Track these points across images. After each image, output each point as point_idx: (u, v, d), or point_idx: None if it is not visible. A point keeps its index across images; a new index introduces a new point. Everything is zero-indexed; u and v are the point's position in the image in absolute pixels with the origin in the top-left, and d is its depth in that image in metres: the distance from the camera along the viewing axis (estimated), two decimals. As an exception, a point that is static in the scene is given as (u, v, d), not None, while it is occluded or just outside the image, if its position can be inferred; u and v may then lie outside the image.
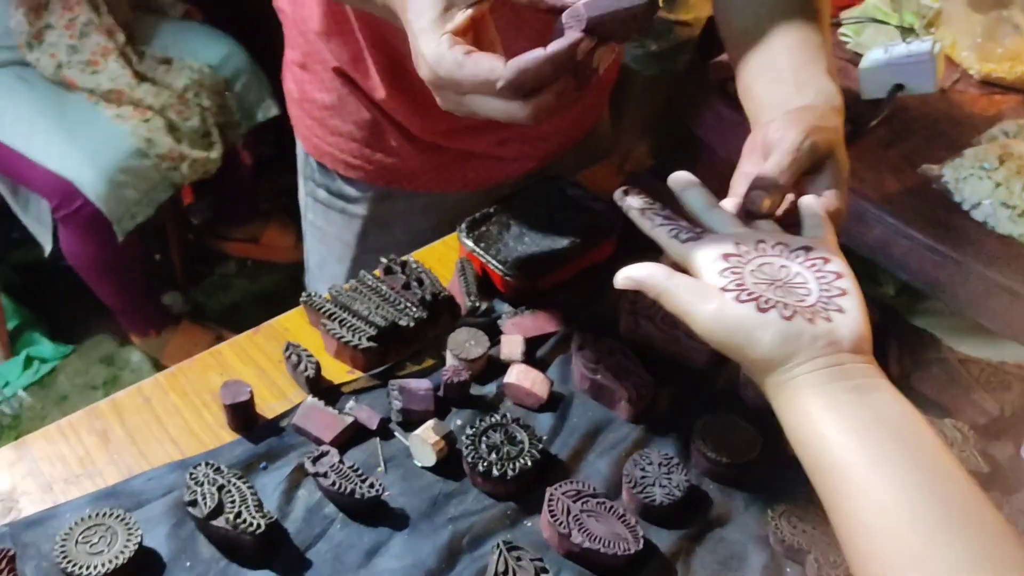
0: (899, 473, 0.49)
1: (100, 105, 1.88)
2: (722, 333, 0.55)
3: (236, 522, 0.68)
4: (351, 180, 1.11)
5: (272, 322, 0.90)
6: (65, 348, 2.20)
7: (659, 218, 0.63)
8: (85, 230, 1.83)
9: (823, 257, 0.60)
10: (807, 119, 0.69)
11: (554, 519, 0.71)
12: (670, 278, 0.58)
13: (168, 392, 0.82)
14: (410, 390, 0.81)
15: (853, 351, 0.54)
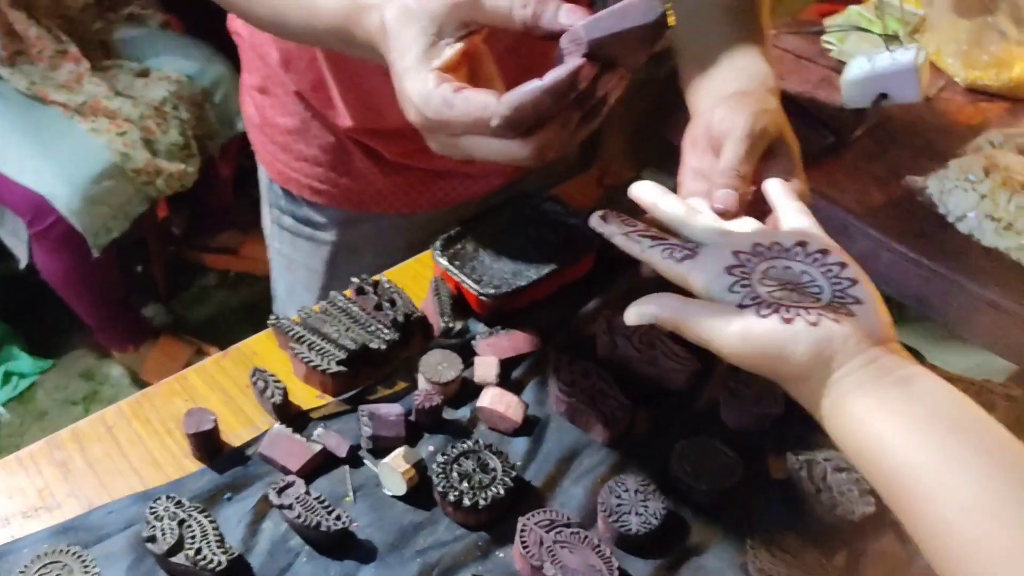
0: (971, 467, 0.47)
1: (75, 119, 1.85)
2: (753, 354, 0.53)
3: (196, 559, 0.66)
4: (318, 205, 1.08)
5: (240, 345, 0.88)
6: (44, 363, 2.17)
7: (647, 240, 0.61)
8: (59, 246, 1.81)
9: (821, 249, 0.58)
10: (749, 103, 0.68)
11: (526, 551, 0.69)
12: (685, 307, 0.56)
13: (131, 420, 0.80)
14: (380, 416, 0.78)
15: (883, 341, 0.53)
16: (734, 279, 0.56)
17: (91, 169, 1.79)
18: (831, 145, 1.14)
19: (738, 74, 0.74)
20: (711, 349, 0.55)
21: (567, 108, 0.55)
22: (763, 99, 0.70)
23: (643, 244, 0.60)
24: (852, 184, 1.09)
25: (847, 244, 1.04)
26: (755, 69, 0.75)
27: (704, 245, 0.59)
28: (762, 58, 0.76)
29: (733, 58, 0.76)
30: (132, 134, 1.86)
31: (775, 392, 0.83)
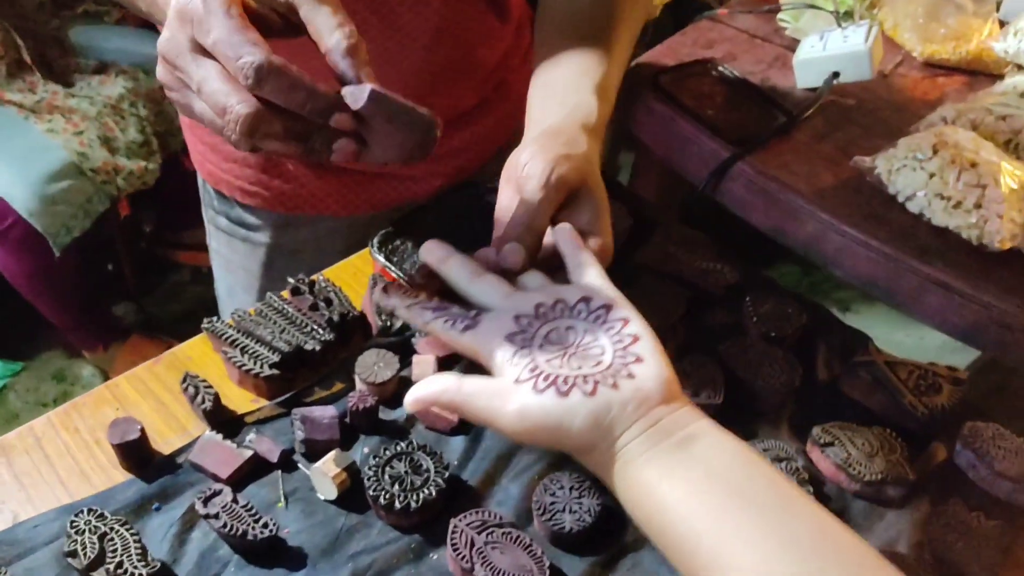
0: (745, 532, 0.47)
1: (31, 119, 1.83)
2: (531, 432, 0.52)
3: (117, 573, 0.65)
4: (250, 207, 1.06)
5: (175, 350, 0.87)
6: (15, 365, 2.16)
7: (428, 312, 0.59)
8: (20, 247, 1.79)
9: (604, 305, 0.56)
10: (553, 147, 0.65)
11: (456, 553, 0.68)
12: (461, 387, 0.54)
13: (60, 431, 0.79)
14: (313, 419, 0.77)
15: (665, 401, 0.52)
16: (514, 348, 0.54)
17: (48, 169, 1.77)
18: (781, 126, 1.12)
19: (561, 108, 0.72)
20: (495, 430, 0.54)
21: (307, 121, 0.54)
22: (572, 141, 0.67)
23: (425, 316, 0.58)
24: (801, 166, 1.07)
25: (796, 228, 1.04)
26: (581, 104, 0.72)
27: (486, 311, 0.58)
28: (592, 94, 0.73)
29: (565, 90, 0.74)
30: (90, 133, 1.84)
31: (715, 383, 0.82)
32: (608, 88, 0.76)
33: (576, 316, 0.56)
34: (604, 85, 0.75)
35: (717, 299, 0.94)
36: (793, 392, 0.84)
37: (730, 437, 0.52)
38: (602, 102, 0.74)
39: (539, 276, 0.61)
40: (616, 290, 0.58)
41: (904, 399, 0.82)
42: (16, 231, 1.76)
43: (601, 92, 0.74)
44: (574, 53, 0.77)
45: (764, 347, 0.86)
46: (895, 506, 0.77)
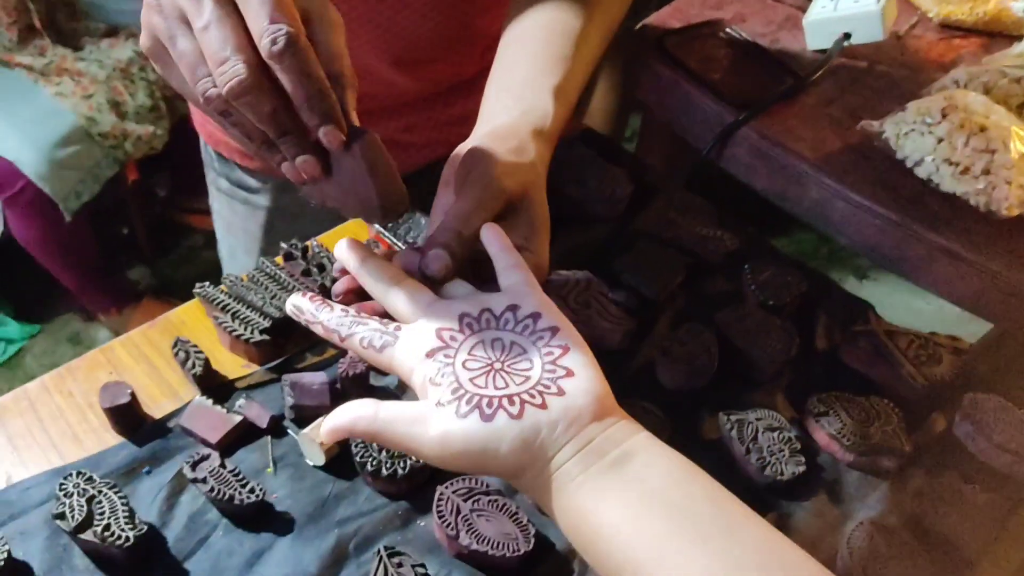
0: (685, 559, 0.43)
1: (40, 83, 1.83)
2: (455, 459, 0.48)
3: (104, 535, 0.65)
4: (250, 170, 1.05)
5: (169, 315, 0.87)
6: (32, 328, 2.18)
7: (344, 326, 0.54)
8: (31, 211, 1.80)
9: (532, 314, 0.52)
10: (498, 152, 0.61)
11: (442, 520, 0.68)
12: (378, 415, 0.50)
13: (54, 394, 0.79)
14: (303, 385, 0.77)
15: (598, 417, 0.48)
16: (436, 366, 0.50)
17: (57, 133, 1.77)
18: (788, 89, 1.10)
19: (516, 103, 0.68)
20: (416, 456, 0.51)
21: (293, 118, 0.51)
22: (519, 148, 0.63)
23: (341, 332, 0.54)
24: (808, 130, 1.05)
25: (800, 193, 1.02)
26: (536, 105, 0.68)
27: (406, 325, 0.54)
28: (550, 96, 0.69)
29: (523, 87, 0.70)
30: (98, 96, 1.84)
31: (710, 351, 0.81)
32: (568, 91, 0.71)
33: (503, 327, 0.52)
34: (564, 87, 0.71)
35: (717, 266, 0.93)
36: (790, 361, 0.83)
37: (668, 452, 0.48)
38: (559, 106, 0.70)
39: (465, 285, 0.56)
40: (546, 297, 0.54)
41: (903, 369, 0.81)
42: (26, 195, 1.77)
43: (559, 94, 0.70)
44: (539, 42, 0.73)
45: (762, 316, 0.85)
46: (889, 477, 0.76)
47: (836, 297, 0.92)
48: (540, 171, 0.64)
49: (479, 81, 1.05)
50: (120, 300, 2.12)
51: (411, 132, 1.03)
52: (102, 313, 2.14)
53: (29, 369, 2.11)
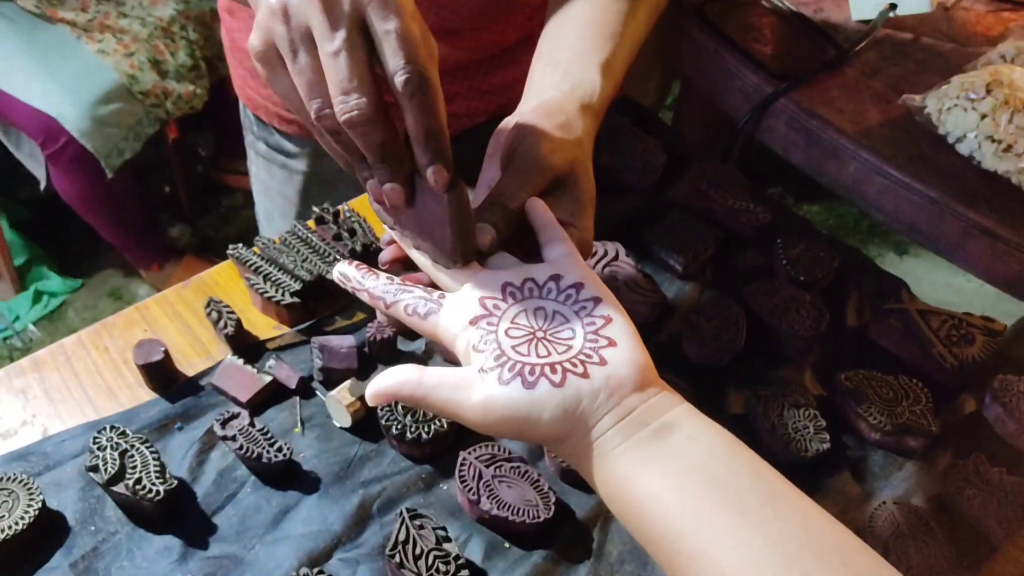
0: (727, 531, 0.43)
1: (82, 39, 1.84)
2: (496, 425, 0.48)
3: (135, 488, 0.67)
4: (288, 135, 1.06)
5: (203, 275, 0.88)
6: (74, 282, 2.22)
7: (389, 294, 0.54)
8: (74, 167, 1.82)
9: (575, 284, 0.53)
10: (545, 127, 0.61)
11: (464, 484, 0.69)
12: (423, 380, 0.50)
13: (90, 349, 0.81)
14: (331, 348, 0.78)
15: (639, 388, 0.48)
16: (479, 334, 0.51)
17: (99, 90, 1.79)
18: (830, 60, 1.08)
19: (564, 79, 0.67)
20: (460, 422, 0.51)
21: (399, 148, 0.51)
22: (566, 124, 0.63)
23: (387, 299, 0.54)
24: (849, 103, 1.03)
25: (837, 168, 1.00)
26: (584, 80, 0.68)
27: (450, 294, 0.54)
28: (598, 72, 0.69)
29: (570, 63, 0.69)
30: (140, 55, 1.85)
31: (737, 326, 0.81)
32: (615, 67, 0.71)
33: (546, 296, 0.52)
34: (611, 63, 0.71)
35: (748, 240, 0.92)
36: (818, 338, 0.82)
37: (710, 425, 0.48)
38: (606, 82, 0.69)
39: (509, 258, 0.57)
40: (589, 269, 0.55)
41: (933, 349, 0.80)
42: (69, 151, 1.79)
43: (606, 70, 0.70)
44: (587, 18, 0.73)
45: (792, 291, 0.84)
46: (915, 457, 0.76)
47: (869, 274, 0.91)
48: (587, 147, 0.64)
49: (519, 50, 1.05)
50: (162, 256, 2.16)
51: (451, 102, 1.03)
52: (144, 269, 2.17)
53: (71, 322, 2.15)
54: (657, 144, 0.96)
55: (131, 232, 2.08)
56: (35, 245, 2.24)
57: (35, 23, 1.85)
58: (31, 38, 1.82)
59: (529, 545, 0.69)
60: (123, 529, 0.69)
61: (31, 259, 2.21)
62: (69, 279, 2.22)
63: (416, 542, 0.65)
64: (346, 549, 0.68)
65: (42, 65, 1.79)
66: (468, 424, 0.50)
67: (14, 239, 2.19)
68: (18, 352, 2.08)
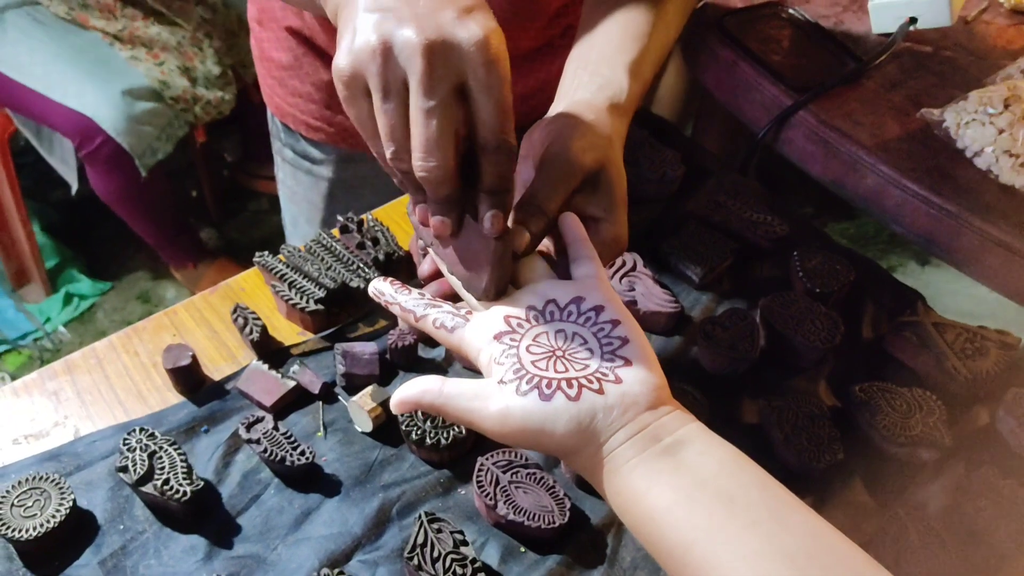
0: (736, 542, 0.45)
1: (115, 45, 1.89)
2: (513, 435, 0.51)
3: (164, 488, 0.69)
4: (314, 142, 1.09)
5: (229, 281, 0.90)
6: (104, 285, 2.27)
7: (419, 308, 0.57)
8: (110, 166, 1.86)
9: (596, 307, 0.55)
10: (575, 128, 0.62)
11: (481, 490, 0.71)
12: (443, 389, 0.53)
13: (121, 353, 0.83)
14: (354, 354, 0.80)
15: (652, 406, 0.50)
16: (502, 349, 0.53)
17: (133, 92, 1.83)
18: (850, 73, 1.08)
19: (592, 79, 0.69)
20: (478, 431, 0.53)
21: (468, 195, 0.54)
22: (595, 123, 0.64)
23: (417, 312, 0.57)
24: (867, 116, 1.04)
25: (856, 180, 1.01)
26: (612, 80, 0.69)
27: (477, 311, 0.57)
28: (625, 72, 0.70)
29: (599, 63, 0.71)
30: (169, 63, 1.90)
31: (752, 337, 0.82)
32: (643, 67, 0.73)
33: (566, 318, 0.55)
34: (639, 63, 0.72)
35: (765, 252, 0.93)
36: (834, 349, 0.83)
37: (720, 442, 0.50)
38: (634, 81, 0.71)
39: (541, 262, 0.59)
40: (612, 291, 0.57)
41: (947, 362, 0.80)
42: (105, 150, 1.83)
43: (634, 70, 0.72)
44: (616, 21, 0.75)
45: (807, 303, 0.85)
46: (928, 469, 0.77)
47: (886, 286, 0.91)
48: (617, 145, 0.66)
49: (537, 58, 1.06)
50: (196, 256, 2.19)
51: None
52: (179, 268, 2.21)
53: (100, 324, 2.20)
54: (676, 156, 0.98)
55: (166, 231, 2.12)
56: (66, 248, 2.29)
57: (67, 28, 1.90)
58: (64, 42, 1.87)
59: (544, 550, 0.71)
60: (151, 528, 0.71)
61: (62, 262, 2.26)
62: (99, 282, 2.27)
63: (434, 545, 0.67)
64: (366, 551, 0.70)
65: (76, 67, 1.83)
66: (486, 433, 0.52)
67: (45, 242, 2.24)
68: (48, 353, 2.12)
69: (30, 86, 1.82)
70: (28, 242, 2.14)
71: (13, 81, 1.85)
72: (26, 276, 2.23)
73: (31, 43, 1.85)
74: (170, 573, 0.68)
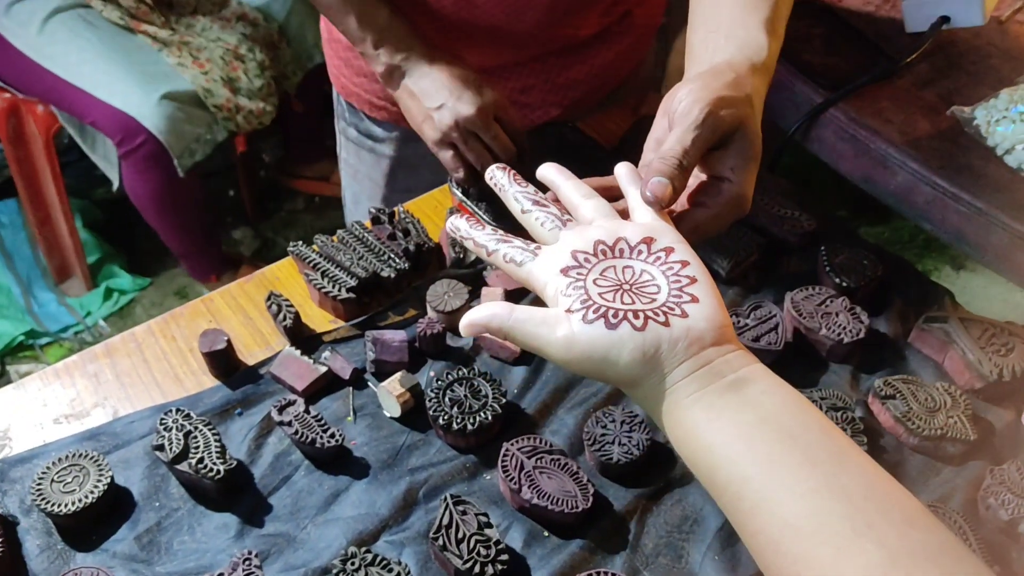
0: (794, 479, 0.45)
1: (163, 52, 1.94)
2: (577, 361, 0.51)
3: (198, 467, 0.71)
4: (377, 120, 1.13)
5: (265, 270, 0.93)
6: (143, 281, 2.31)
7: (492, 242, 0.58)
8: (148, 165, 1.90)
9: (666, 248, 0.55)
10: (714, 87, 0.63)
11: (506, 474, 0.72)
12: (512, 314, 0.53)
13: (159, 338, 0.86)
14: (384, 341, 0.82)
15: (717, 343, 0.50)
16: (569, 281, 0.53)
17: (177, 96, 1.87)
18: (881, 71, 1.08)
19: (729, 42, 0.69)
20: (544, 356, 0.53)
21: None
22: (736, 82, 0.65)
23: (489, 247, 0.58)
24: (898, 113, 1.04)
25: (886, 177, 1.01)
26: (749, 40, 0.69)
27: (545, 246, 0.57)
28: (762, 30, 0.70)
29: (731, 26, 0.71)
30: (214, 73, 1.94)
31: (778, 329, 0.82)
32: (776, 23, 0.73)
33: (635, 257, 0.55)
34: (773, 20, 0.72)
35: (793, 247, 0.94)
36: (859, 343, 0.83)
37: (783, 384, 0.50)
38: (772, 38, 0.71)
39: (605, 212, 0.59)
40: (677, 233, 0.57)
41: (973, 357, 0.80)
42: (145, 149, 1.87)
43: (770, 27, 0.71)
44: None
45: (834, 297, 0.85)
46: (952, 463, 0.77)
47: (913, 282, 0.91)
48: (756, 104, 0.66)
49: (595, 44, 1.09)
50: (219, 268, 2.23)
51: (527, 93, 1.08)
52: (202, 280, 2.25)
53: (139, 319, 2.23)
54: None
55: (193, 238, 2.16)
56: (107, 244, 2.34)
57: (117, 31, 1.94)
58: (114, 44, 1.91)
59: (567, 534, 0.72)
60: (185, 506, 0.73)
61: (103, 257, 2.31)
62: (138, 277, 2.31)
63: (459, 526, 0.68)
64: (392, 532, 0.72)
65: (123, 68, 1.88)
66: (551, 358, 0.53)
67: (88, 238, 2.29)
68: (88, 346, 2.16)
69: (77, 84, 1.87)
70: (71, 238, 2.19)
71: (60, 79, 1.89)
72: (68, 271, 2.28)
73: (80, 43, 1.89)
74: (203, 549, 0.70)
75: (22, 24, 1.91)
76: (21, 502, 0.73)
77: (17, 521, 0.72)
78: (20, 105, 2.00)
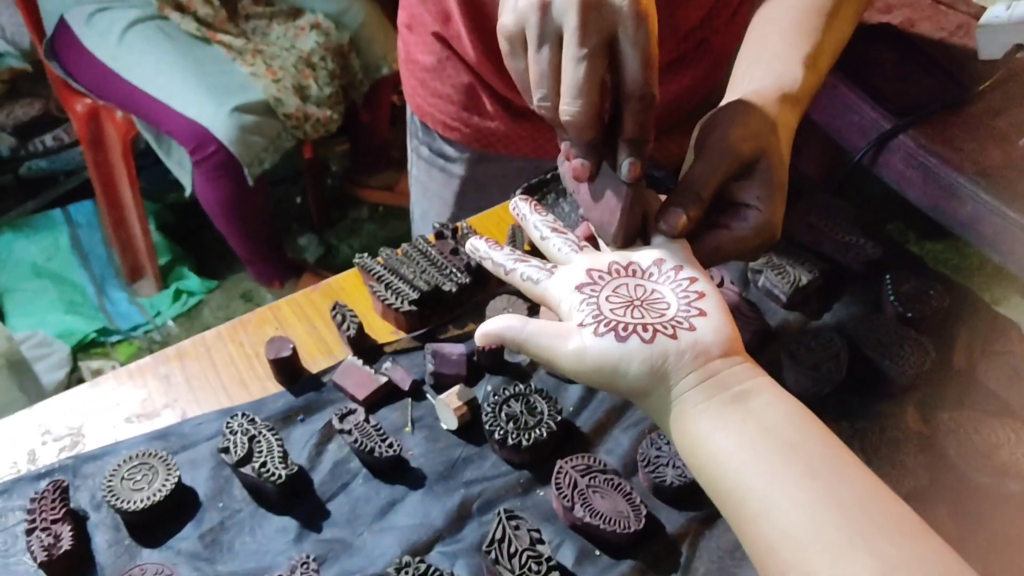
0: (796, 491, 0.47)
1: (237, 61, 1.99)
2: (588, 373, 0.53)
3: (261, 471, 0.73)
4: (450, 141, 1.15)
5: (330, 281, 0.95)
6: (210, 283, 2.38)
7: (509, 262, 0.61)
8: (218, 173, 1.96)
9: (675, 267, 0.57)
10: (736, 117, 0.63)
11: (559, 492, 0.73)
12: (525, 327, 0.56)
13: (227, 343, 0.89)
14: (443, 354, 0.83)
15: (724, 355, 0.52)
16: (582, 297, 0.56)
17: (248, 107, 1.93)
18: (953, 99, 1.07)
19: (766, 74, 0.70)
20: (555, 369, 0.55)
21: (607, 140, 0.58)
22: (760, 112, 0.65)
23: (506, 266, 0.61)
24: (969, 142, 1.02)
25: (955, 207, 1.00)
26: (785, 72, 0.70)
27: (561, 265, 0.60)
28: (800, 64, 0.70)
29: (772, 59, 0.71)
30: (285, 81, 2.00)
31: (838, 358, 0.82)
32: (818, 60, 0.73)
33: (647, 278, 0.58)
34: (814, 56, 0.72)
35: (857, 274, 0.93)
36: (923, 375, 0.82)
37: (788, 396, 0.52)
38: (809, 73, 0.71)
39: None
40: (691, 254, 0.59)
41: (1041, 393, 0.79)
42: (216, 158, 1.94)
43: (809, 63, 0.71)
44: (789, 19, 0.75)
45: (897, 327, 0.84)
46: (1015, 501, 0.75)
47: (980, 314, 0.90)
48: (782, 134, 0.66)
49: (671, 71, 1.09)
50: (283, 275, 2.28)
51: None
52: (266, 285, 2.31)
53: (206, 320, 2.30)
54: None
55: (259, 246, 2.22)
56: (177, 247, 2.41)
57: (194, 42, 2.01)
58: (190, 55, 1.98)
59: (619, 555, 0.72)
60: (247, 508, 0.75)
61: (173, 260, 2.38)
62: (206, 280, 2.38)
63: (511, 541, 0.69)
64: (446, 543, 0.73)
65: (197, 79, 1.94)
66: (562, 371, 0.55)
67: (160, 240, 2.36)
68: (157, 345, 2.24)
69: (153, 95, 1.94)
70: (144, 239, 2.26)
71: (138, 89, 1.97)
72: (141, 271, 2.36)
73: (157, 54, 1.96)
74: (263, 551, 0.72)
75: (102, 34, 1.99)
76: (92, 498, 0.76)
77: (87, 516, 0.75)
78: (100, 111, 2.09)
